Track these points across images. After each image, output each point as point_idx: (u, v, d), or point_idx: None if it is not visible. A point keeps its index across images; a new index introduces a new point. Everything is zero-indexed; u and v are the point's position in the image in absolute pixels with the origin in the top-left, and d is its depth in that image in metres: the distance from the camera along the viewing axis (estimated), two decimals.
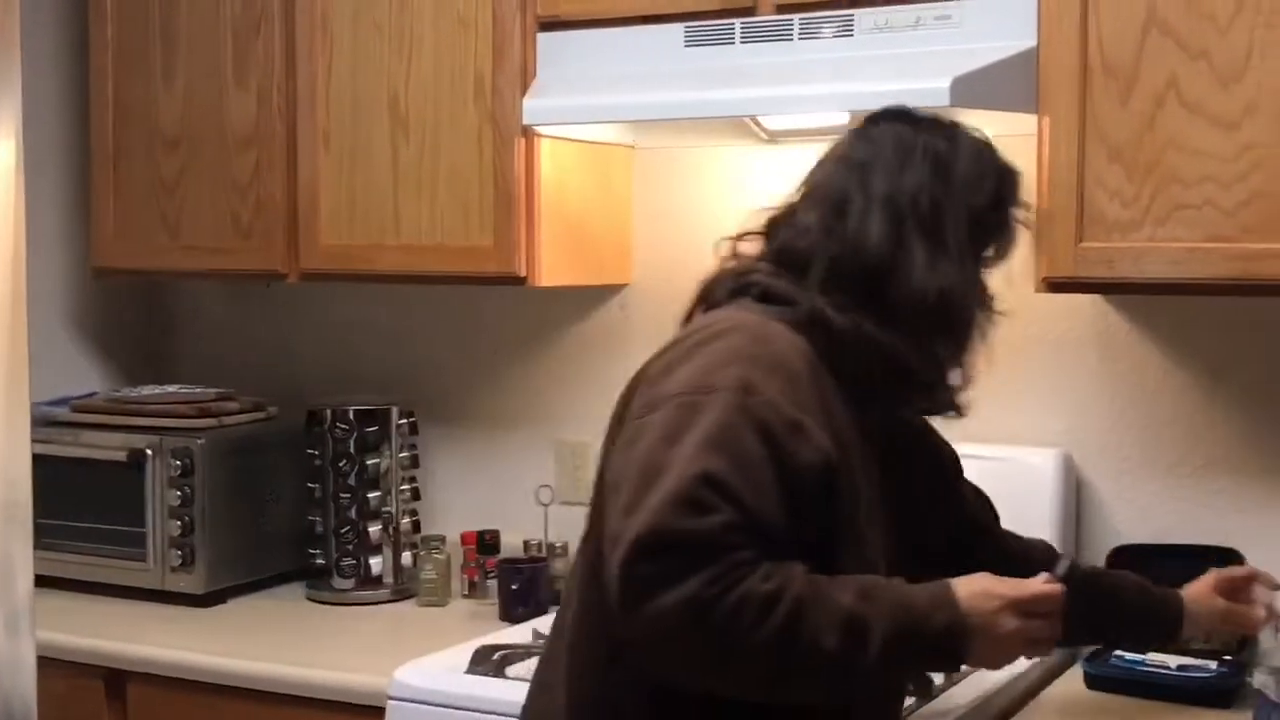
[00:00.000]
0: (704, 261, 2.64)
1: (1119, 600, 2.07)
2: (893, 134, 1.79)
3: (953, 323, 1.74)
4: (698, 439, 1.54)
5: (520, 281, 2.73)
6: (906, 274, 1.70)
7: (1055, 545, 2.52)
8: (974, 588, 1.62)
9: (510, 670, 2.38)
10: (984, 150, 1.82)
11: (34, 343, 2.32)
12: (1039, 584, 1.67)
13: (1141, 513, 2.59)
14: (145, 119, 3.08)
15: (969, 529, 2.05)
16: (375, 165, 2.85)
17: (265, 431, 3.11)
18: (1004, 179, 1.82)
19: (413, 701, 2.36)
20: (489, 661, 2.41)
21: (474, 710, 2.30)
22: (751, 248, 1.83)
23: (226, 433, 3.03)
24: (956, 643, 1.60)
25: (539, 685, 1.81)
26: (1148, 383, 2.59)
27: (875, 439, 1.74)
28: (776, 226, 1.82)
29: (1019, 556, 2.05)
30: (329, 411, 2.97)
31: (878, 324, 1.69)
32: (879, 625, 1.54)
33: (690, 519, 1.50)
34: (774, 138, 2.75)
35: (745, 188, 2.87)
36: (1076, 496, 2.63)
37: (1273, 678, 2.20)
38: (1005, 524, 2.54)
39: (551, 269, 2.75)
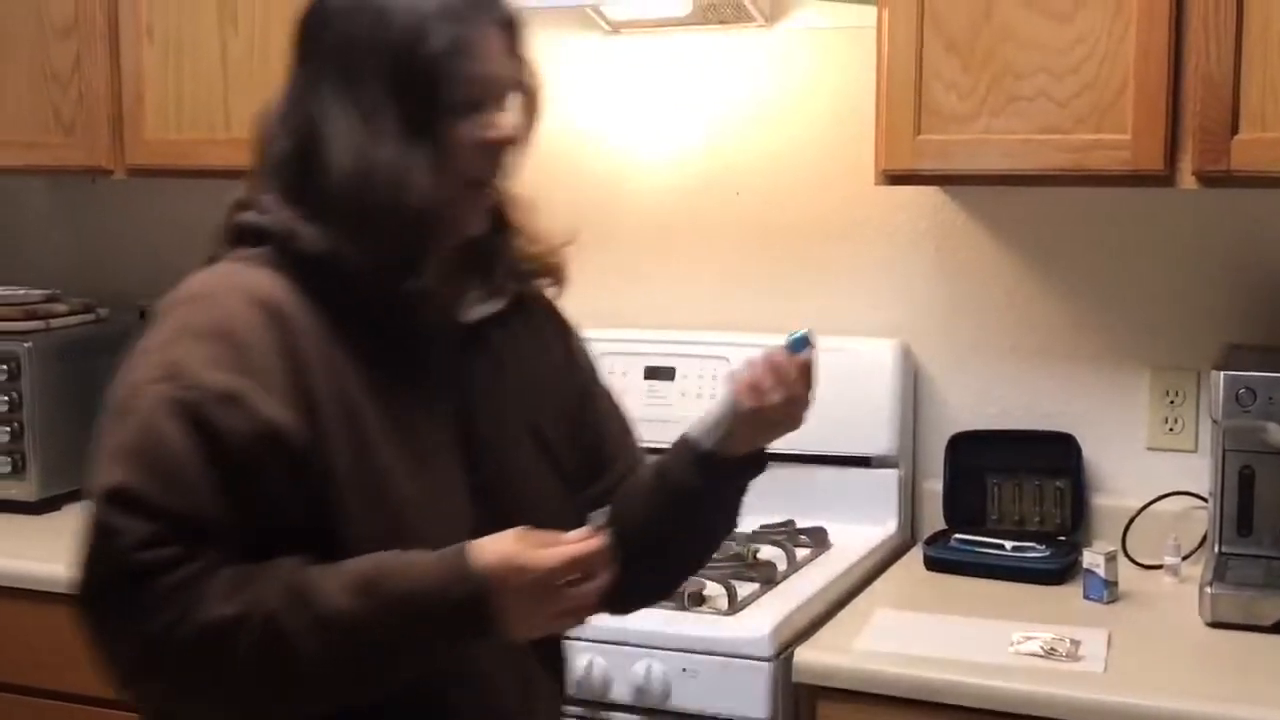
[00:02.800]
0: (547, 155, 2.59)
1: (649, 500, 1.67)
2: None
3: (379, 208, 1.43)
4: (111, 453, 1.37)
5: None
6: (326, 155, 1.44)
7: (893, 434, 2.60)
8: (497, 554, 1.38)
9: None
10: None
11: None
12: (573, 545, 1.41)
13: (978, 399, 2.65)
14: (33, 5, 2.93)
15: (592, 458, 1.69)
16: (202, 57, 2.76)
17: (96, 333, 3.02)
18: (457, 18, 1.45)
19: None
20: None
21: None
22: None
23: (54, 335, 2.94)
24: (481, 620, 1.38)
25: None
26: (983, 273, 2.64)
27: (418, 367, 1.50)
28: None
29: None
30: None
31: (325, 224, 1.44)
32: (383, 619, 1.36)
33: (107, 550, 1.34)
34: (616, 28, 2.72)
35: (589, 80, 2.84)
36: (915, 385, 2.68)
37: (1101, 556, 2.29)
38: (845, 414, 2.60)
39: None
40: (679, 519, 1.65)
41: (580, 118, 2.85)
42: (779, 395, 1.59)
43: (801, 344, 1.62)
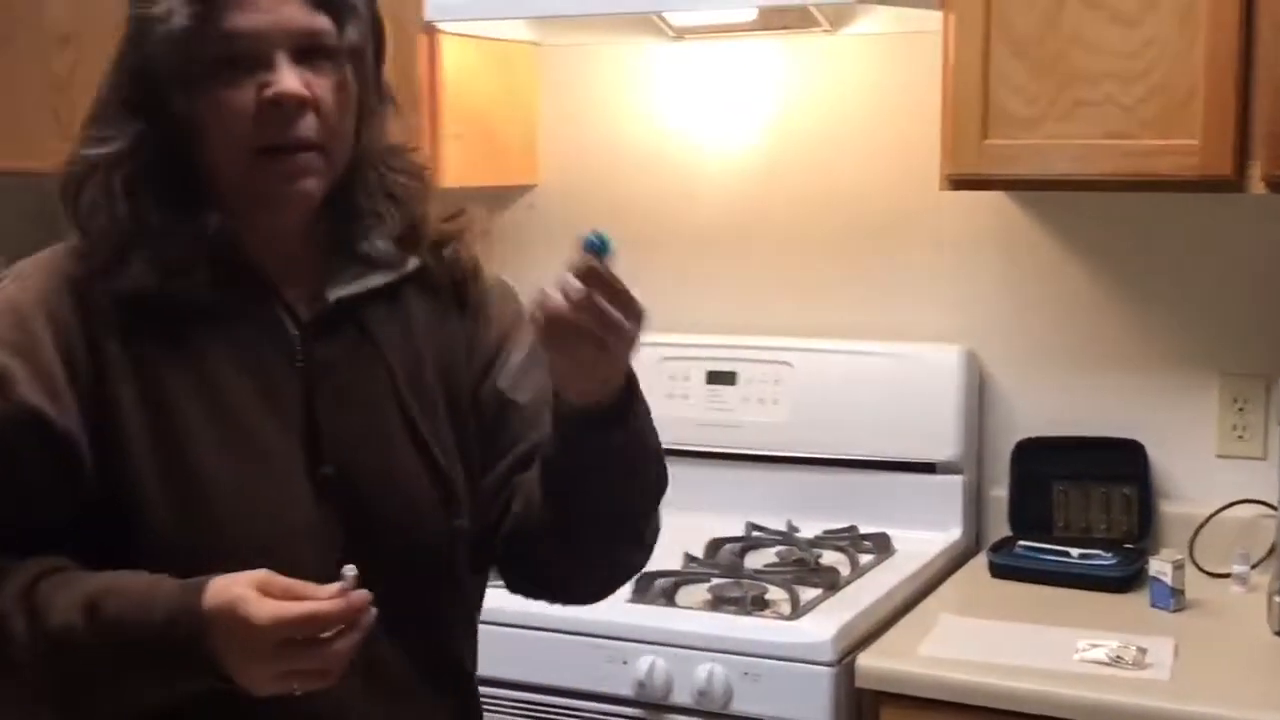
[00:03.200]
0: (610, 160, 2.63)
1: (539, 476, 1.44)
2: None
3: (70, 173, 1.37)
4: None
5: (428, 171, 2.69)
6: None
7: (959, 441, 2.59)
8: (223, 598, 1.24)
9: None
10: None
11: None
12: (304, 604, 1.23)
13: (1044, 407, 2.63)
14: (32, 14, 2.97)
15: (493, 443, 1.49)
16: None
17: None
18: None
19: None
20: None
21: None
22: None
23: None
24: (196, 663, 1.25)
25: None
26: (1049, 278, 2.62)
27: (248, 354, 1.39)
28: None
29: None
30: None
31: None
32: (97, 642, 1.26)
33: None
34: (680, 34, 2.72)
35: (652, 86, 2.85)
36: (980, 393, 2.67)
37: (1169, 564, 2.27)
38: (910, 420, 2.60)
39: (457, 169, 2.71)
40: (554, 488, 1.40)
41: (643, 123, 2.87)
42: (579, 317, 1.25)
43: (597, 247, 1.26)
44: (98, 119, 1.38)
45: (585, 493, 1.39)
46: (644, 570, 2.26)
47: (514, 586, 1.53)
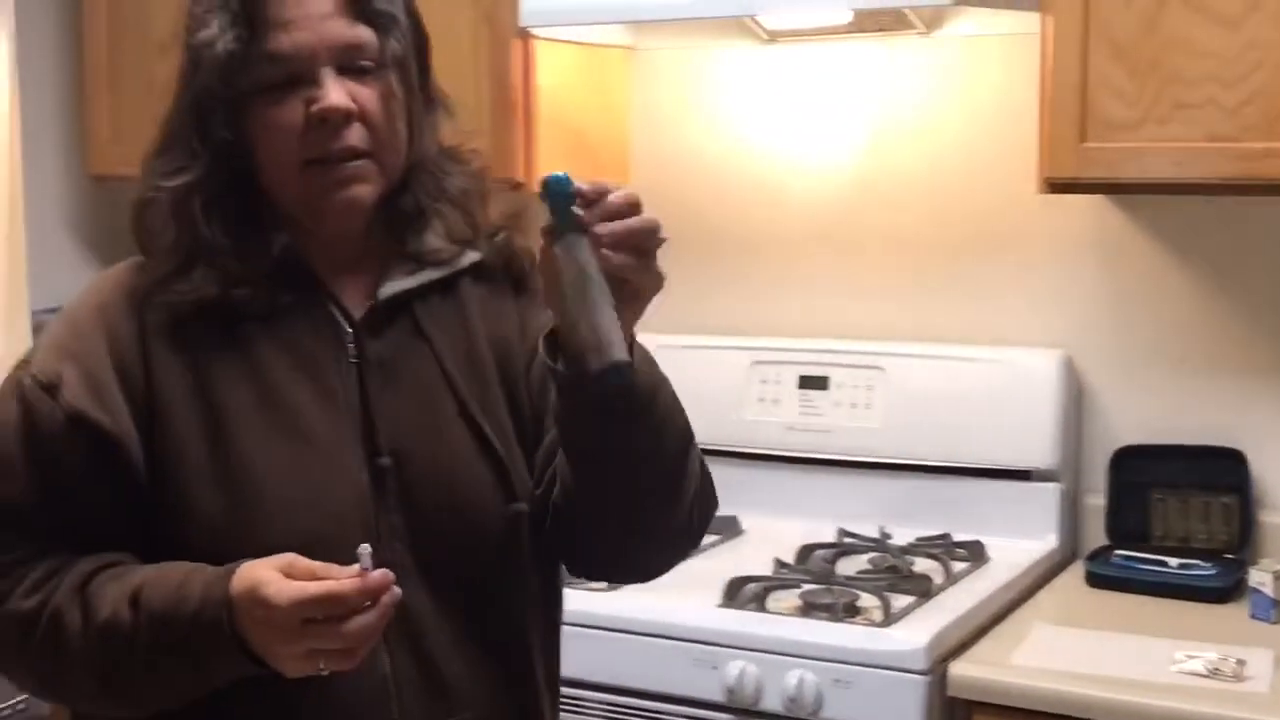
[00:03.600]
0: (703, 164, 2.63)
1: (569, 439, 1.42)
2: None
3: (142, 199, 1.43)
4: None
5: (518, 187, 2.72)
6: None
7: (1055, 448, 2.56)
8: (247, 581, 1.27)
9: None
10: None
11: (33, 250, 2.32)
12: (319, 583, 1.25)
13: (1143, 414, 2.59)
14: (139, 24, 3.05)
15: (538, 425, 1.50)
16: None
17: None
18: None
19: None
20: None
21: None
22: None
23: None
24: (226, 647, 1.29)
25: None
26: (1149, 283, 2.58)
27: (303, 352, 1.42)
28: None
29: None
30: None
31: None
32: (141, 632, 1.31)
33: None
34: (774, 37, 2.72)
35: (744, 89, 2.85)
36: (1078, 399, 2.63)
37: (1269, 575, 2.23)
38: (1005, 426, 2.57)
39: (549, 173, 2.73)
40: (577, 458, 1.39)
41: (736, 127, 2.86)
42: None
43: (563, 184, 1.27)
44: (166, 149, 1.43)
45: (606, 459, 1.37)
46: (734, 575, 2.28)
47: (574, 569, 1.54)
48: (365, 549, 1.26)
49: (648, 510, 1.43)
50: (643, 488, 1.40)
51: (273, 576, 1.26)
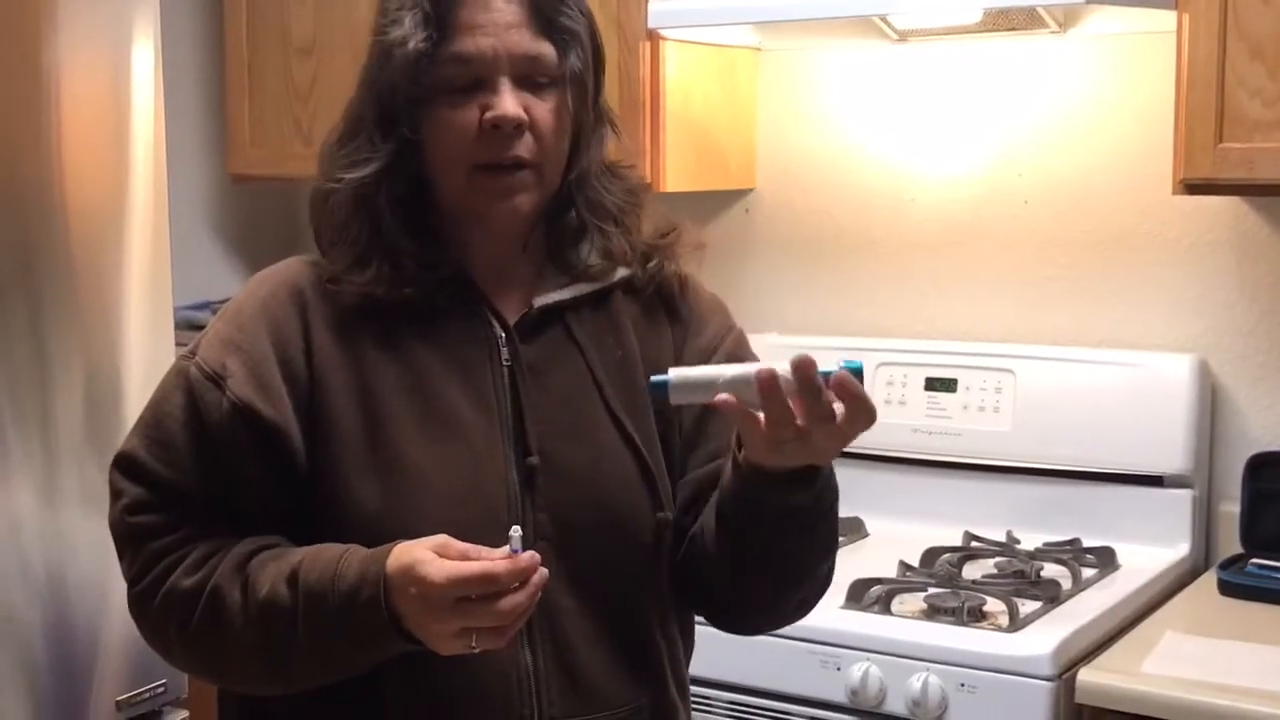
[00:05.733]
0: (830, 164, 2.62)
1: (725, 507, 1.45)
2: None
3: (323, 188, 1.48)
4: (139, 417, 1.47)
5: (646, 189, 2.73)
6: None
7: (1188, 453, 2.51)
8: (402, 560, 1.31)
9: None
10: None
11: (176, 248, 2.39)
12: (473, 562, 1.29)
13: (1279, 420, 2.54)
14: (279, 27, 3.12)
15: (686, 449, 1.54)
16: None
17: None
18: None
19: None
20: None
21: None
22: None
23: None
24: (382, 625, 1.32)
25: None
26: None
27: (458, 353, 1.46)
28: None
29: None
30: None
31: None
32: (298, 611, 1.35)
33: (113, 512, 1.44)
34: (903, 37, 2.71)
35: (873, 89, 2.84)
36: (1212, 403, 2.58)
37: None
38: (1137, 431, 2.53)
39: (677, 174, 2.75)
40: (725, 528, 1.44)
41: (867, 127, 2.85)
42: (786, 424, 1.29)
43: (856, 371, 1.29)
44: (349, 139, 1.48)
45: (754, 543, 1.42)
46: (859, 577, 2.28)
47: (686, 600, 1.55)
48: (516, 531, 1.31)
49: (790, 582, 1.48)
50: (796, 564, 1.46)
51: (428, 556, 1.30)
